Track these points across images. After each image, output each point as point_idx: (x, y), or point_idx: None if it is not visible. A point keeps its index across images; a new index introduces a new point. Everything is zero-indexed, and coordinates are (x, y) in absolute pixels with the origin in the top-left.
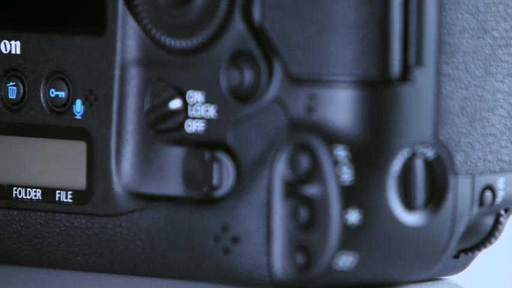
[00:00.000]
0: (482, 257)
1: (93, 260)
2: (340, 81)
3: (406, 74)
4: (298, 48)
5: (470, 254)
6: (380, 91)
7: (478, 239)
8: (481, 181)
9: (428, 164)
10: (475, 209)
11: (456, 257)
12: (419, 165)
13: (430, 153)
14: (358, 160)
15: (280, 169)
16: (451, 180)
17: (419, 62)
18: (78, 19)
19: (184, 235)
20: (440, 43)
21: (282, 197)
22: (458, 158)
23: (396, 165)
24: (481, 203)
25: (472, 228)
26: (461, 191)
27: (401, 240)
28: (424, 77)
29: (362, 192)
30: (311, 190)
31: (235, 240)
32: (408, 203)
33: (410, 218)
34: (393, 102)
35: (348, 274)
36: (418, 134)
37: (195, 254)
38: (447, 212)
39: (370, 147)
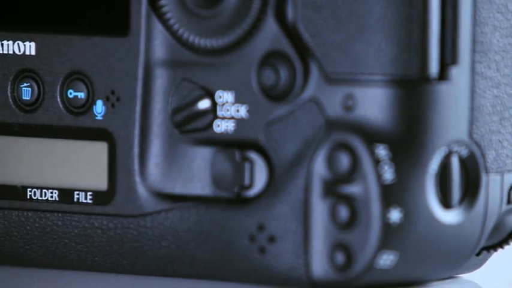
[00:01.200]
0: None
1: (112, 261)
2: (379, 81)
3: (443, 73)
4: (335, 47)
5: (491, 252)
6: (419, 90)
7: (501, 236)
8: (510, 178)
9: (462, 162)
10: (504, 207)
11: (478, 254)
12: (455, 164)
13: (464, 151)
14: (398, 159)
15: (319, 168)
16: (483, 178)
17: (455, 61)
18: (100, 20)
19: (216, 235)
20: (474, 42)
21: (321, 196)
22: (490, 156)
23: (434, 164)
24: (509, 200)
25: (498, 225)
26: (492, 188)
27: (438, 238)
28: (459, 76)
29: (403, 191)
30: (351, 189)
31: (271, 239)
32: (445, 201)
33: (447, 216)
34: (431, 101)
35: (387, 273)
36: (454, 132)
37: (227, 253)
38: (479, 209)
39: (410, 146)
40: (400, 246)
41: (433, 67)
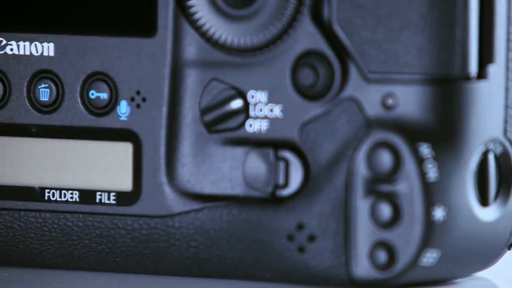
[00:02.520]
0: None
1: (135, 261)
2: (420, 80)
3: (482, 72)
4: (375, 46)
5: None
6: (460, 89)
7: None
8: None
9: (497, 160)
10: None
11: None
12: (491, 161)
13: (498, 149)
14: (441, 157)
15: (359, 167)
16: None
17: (492, 59)
18: (126, 21)
19: (251, 234)
20: (508, 41)
21: (362, 195)
22: None
23: (473, 162)
24: None
25: None
26: None
27: (476, 235)
28: (496, 74)
29: (446, 189)
30: (394, 188)
31: (311, 238)
32: (483, 199)
33: (484, 213)
34: (471, 100)
35: (428, 270)
36: (491, 130)
37: (264, 253)
38: (511, 206)
39: (452, 144)
40: (442, 244)
41: (473, 66)
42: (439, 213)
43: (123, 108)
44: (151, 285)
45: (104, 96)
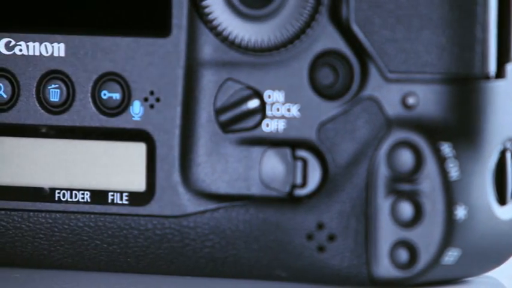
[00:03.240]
0: None
1: (147, 261)
2: (440, 79)
3: (500, 71)
4: (394, 46)
5: None
6: (480, 88)
7: None
8: None
9: None
10: None
11: None
12: (509, 160)
13: None
14: (462, 156)
15: (380, 167)
16: None
17: (510, 58)
18: (140, 21)
19: (269, 234)
20: None
21: (383, 194)
22: None
23: (492, 161)
24: None
25: None
26: None
27: (494, 233)
28: None
29: (467, 188)
30: (416, 187)
31: (331, 238)
32: (501, 198)
33: (502, 212)
34: (490, 99)
35: (448, 269)
36: (508, 129)
37: (282, 252)
38: None
39: (472, 143)
40: (463, 242)
41: (492, 65)
42: (460, 212)
43: (136, 108)
44: (162, 285)
45: (116, 96)
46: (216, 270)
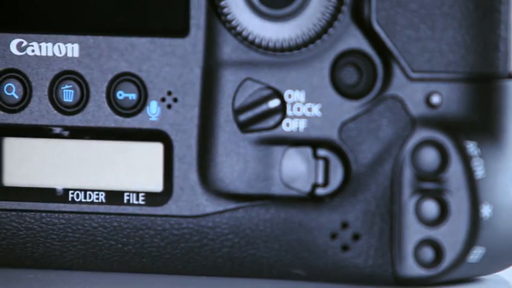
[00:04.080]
0: None
1: (163, 262)
2: (464, 78)
3: None
4: (417, 45)
5: None
6: (503, 86)
7: None
8: None
9: None
10: None
11: None
12: None
13: None
14: (486, 155)
15: (405, 166)
16: None
17: None
18: (157, 21)
19: (292, 233)
20: None
21: (408, 193)
22: None
23: None
24: None
25: None
26: None
27: None
28: None
29: (492, 186)
30: (441, 186)
31: (356, 237)
32: None
33: None
34: None
35: (472, 267)
36: None
37: (304, 252)
38: None
39: (496, 142)
40: (488, 241)
41: None
42: (486, 210)
43: (153, 108)
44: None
45: (133, 96)
46: (233, 269)
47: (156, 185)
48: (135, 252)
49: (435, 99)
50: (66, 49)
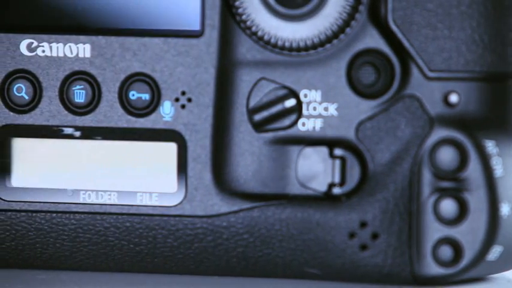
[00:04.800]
0: None
1: (175, 262)
2: (482, 77)
3: None
4: (435, 45)
5: None
6: None
7: None
8: None
9: None
10: None
11: None
12: None
13: None
14: (505, 153)
15: (423, 165)
16: None
17: None
18: (172, 21)
19: (308, 233)
20: None
21: (427, 192)
22: None
23: None
24: None
25: None
26: None
27: None
28: None
29: (511, 185)
30: (460, 185)
31: (375, 236)
32: None
33: None
34: None
35: (490, 265)
36: None
37: (321, 251)
38: None
39: None
40: (506, 239)
41: None
42: (505, 209)
43: (167, 108)
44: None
45: (146, 97)
46: (247, 269)
47: (170, 185)
48: (147, 253)
49: (453, 98)
50: (77, 49)
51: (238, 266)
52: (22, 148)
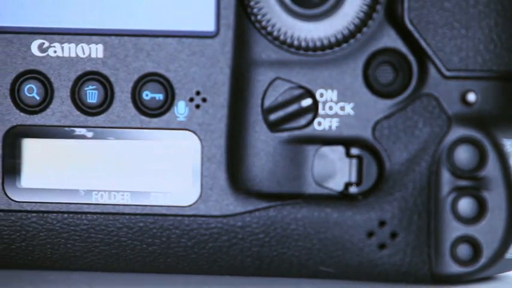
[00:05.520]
0: None
1: (188, 262)
2: (499, 76)
3: None
4: (452, 44)
5: None
6: None
7: None
8: None
9: None
10: None
11: None
12: None
13: None
14: None
15: (442, 163)
16: None
17: None
18: (186, 22)
19: (326, 232)
20: None
21: (445, 191)
22: None
23: None
24: None
25: None
26: None
27: None
28: None
29: None
30: (479, 183)
31: (393, 235)
32: None
33: None
34: None
35: (510, 263)
36: None
37: (339, 250)
38: None
39: None
40: None
41: None
42: None
43: (181, 108)
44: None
45: (160, 97)
46: (261, 269)
47: (184, 185)
48: (160, 253)
49: (471, 97)
50: (89, 50)
51: (252, 265)
52: (33, 149)
